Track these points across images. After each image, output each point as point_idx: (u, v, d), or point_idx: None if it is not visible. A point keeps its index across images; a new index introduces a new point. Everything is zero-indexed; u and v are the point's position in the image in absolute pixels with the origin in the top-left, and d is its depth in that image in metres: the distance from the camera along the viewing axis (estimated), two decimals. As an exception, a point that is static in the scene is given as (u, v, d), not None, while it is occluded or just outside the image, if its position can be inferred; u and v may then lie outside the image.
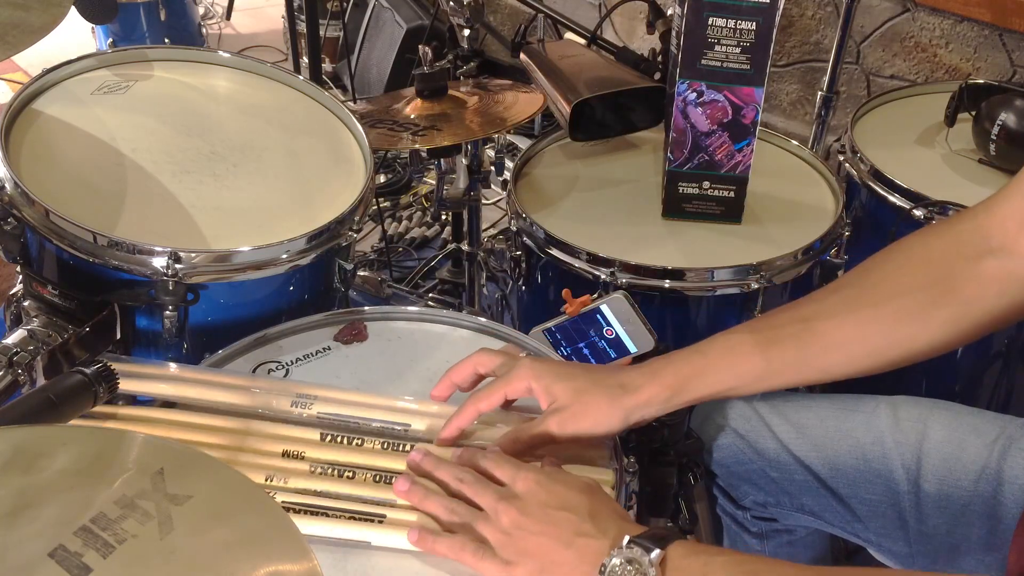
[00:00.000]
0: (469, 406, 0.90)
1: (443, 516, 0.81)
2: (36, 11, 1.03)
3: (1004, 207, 0.87)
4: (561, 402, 0.87)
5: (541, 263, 1.35)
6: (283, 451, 0.88)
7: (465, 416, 0.89)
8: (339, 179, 1.25)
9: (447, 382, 0.94)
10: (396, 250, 2.36)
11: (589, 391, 0.87)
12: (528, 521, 0.77)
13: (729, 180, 1.33)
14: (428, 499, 0.82)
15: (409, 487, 0.83)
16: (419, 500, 0.82)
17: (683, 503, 1.07)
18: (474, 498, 0.80)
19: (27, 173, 1.11)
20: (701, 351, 0.90)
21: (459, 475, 0.82)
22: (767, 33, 1.22)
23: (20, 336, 1.08)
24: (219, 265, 1.08)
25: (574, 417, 0.87)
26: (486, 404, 0.90)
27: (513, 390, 0.89)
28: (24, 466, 0.61)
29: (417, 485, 0.83)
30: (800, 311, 0.91)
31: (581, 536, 0.76)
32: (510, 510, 0.78)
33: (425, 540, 0.79)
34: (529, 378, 0.89)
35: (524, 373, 0.89)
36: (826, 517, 1.04)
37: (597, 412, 0.87)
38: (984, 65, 2.14)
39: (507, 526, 0.77)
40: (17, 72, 3.18)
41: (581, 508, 0.77)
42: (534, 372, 0.89)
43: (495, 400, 0.90)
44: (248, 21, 3.69)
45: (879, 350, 0.89)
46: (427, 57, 1.52)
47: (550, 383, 0.88)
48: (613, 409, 0.87)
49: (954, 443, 0.96)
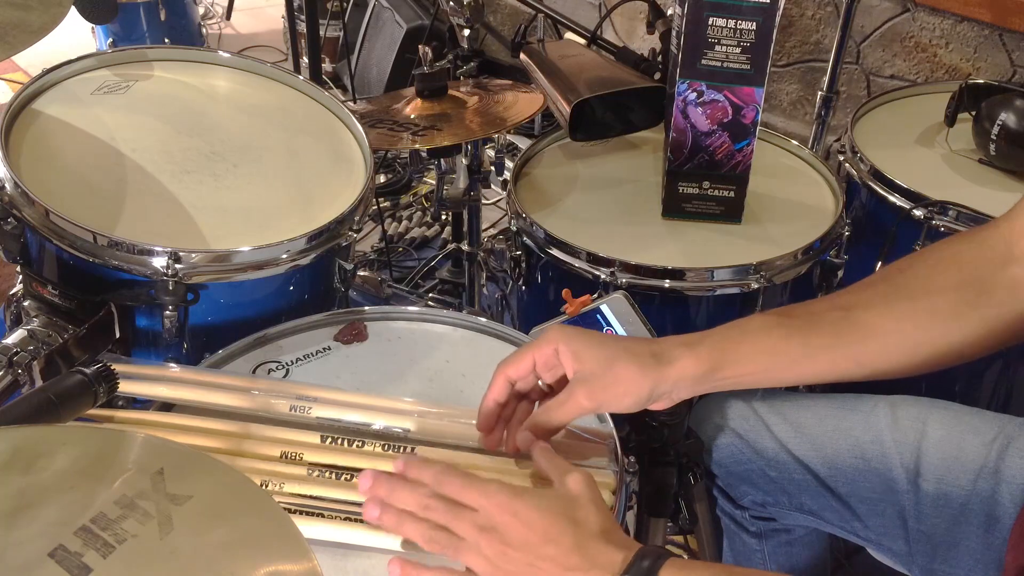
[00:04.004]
0: (499, 375, 0.86)
1: (421, 543, 0.77)
2: (36, 11, 1.03)
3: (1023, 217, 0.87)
4: (589, 369, 0.83)
5: (541, 263, 1.35)
6: (281, 453, 0.88)
7: (497, 387, 0.86)
8: (339, 179, 1.25)
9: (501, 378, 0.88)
10: (396, 250, 2.36)
11: (620, 359, 0.83)
12: (515, 554, 0.74)
13: (729, 180, 1.33)
14: (403, 524, 0.77)
15: (380, 513, 0.78)
16: (394, 525, 0.78)
17: (683, 503, 1.07)
18: (449, 526, 0.76)
19: (27, 173, 1.11)
20: (738, 327, 0.88)
21: (423, 502, 0.77)
22: (767, 33, 1.22)
23: (20, 336, 1.08)
24: (219, 265, 1.09)
25: (604, 388, 0.83)
26: (514, 370, 0.86)
27: (541, 354, 0.85)
28: (24, 466, 0.61)
29: (387, 511, 0.78)
30: (837, 301, 0.90)
31: (569, 571, 0.73)
32: (492, 541, 0.74)
33: (407, 571, 0.76)
34: (557, 341, 0.85)
35: (552, 336, 0.85)
36: (825, 516, 1.04)
37: (628, 382, 0.83)
38: (984, 65, 2.14)
39: (493, 556, 0.74)
40: (17, 72, 3.18)
41: (565, 540, 0.74)
42: (563, 335, 0.85)
43: (524, 365, 0.86)
44: (248, 21, 3.69)
45: (914, 346, 0.88)
46: (427, 57, 1.52)
47: (579, 348, 0.84)
48: (644, 380, 0.83)
49: (953, 442, 0.96)
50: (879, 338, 0.87)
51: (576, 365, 0.84)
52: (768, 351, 0.87)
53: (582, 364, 0.84)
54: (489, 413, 0.87)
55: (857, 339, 0.87)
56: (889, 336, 0.87)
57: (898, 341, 0.88)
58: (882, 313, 0.87)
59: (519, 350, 0.88)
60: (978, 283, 0.87)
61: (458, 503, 0.76)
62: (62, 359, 1.06)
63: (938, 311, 0.87)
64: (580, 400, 0.83)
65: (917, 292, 0.88)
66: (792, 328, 0.87)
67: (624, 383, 0.83)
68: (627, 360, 0.84)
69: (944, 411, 0.99)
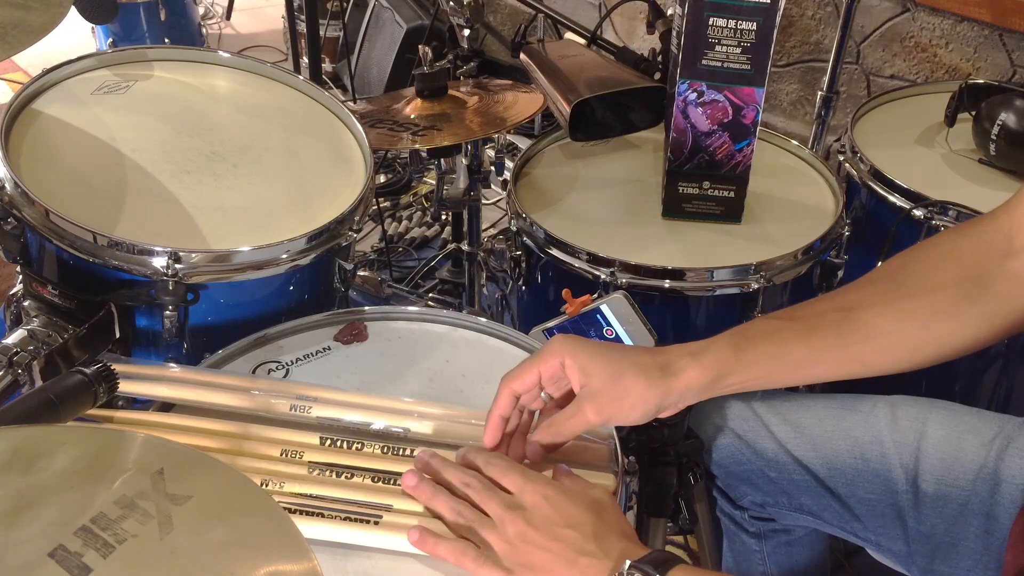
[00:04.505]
0: (504, 389, 0.85)
1: (448, 517, 0.80)
2: (36, 11, 1.03)
3: (1022, 209, 0.87)
4: (596, 384, 0.83)
5: (541, 263, 1.35)
6: (281, 451, 0.88)
7: (503, 402, 0.85)
8: (339, 179, 1.25)
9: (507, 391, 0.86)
10: (396, 250, 2.36)
11: (627, 373, 0.83)
12: (534, 534, 0.76)
13: (729, 180, 1.33)
14: (435, 498, 0.80)
15: (417, 482, 0.81)
16: (427, 497, 0.81)
17: (683, 503, 1.07)
18: (481, 504, 0.79)
19: (27, 173, 1.11)
20: (742, 334, 0.88)
21: (465, 479, 0.81)
22: (767, 33, 1.22)
23: (20, 336, 1.08)
24: (219, 265, 1.09)
25: (611, 402, 0.83)
26: (519, 384, 0.85)
27: (547, 367, 0.84)
28: (24, 466, 0.61)
29: (425, 482, 0.82)
30: (837, 301, 0.90)
31: (584, 556, 0.75)
32: (517, 521, 0.76)
33: (426, 541, 0.78)
34: (563, 354, 0.84)
35: (557, 348, 0.84)
36: (824, 517, 1.04)
37: (636, 396, 0.83)
38: (984, 65, 2.14)
39: (512, 536, 0.76)
40: (17, 72, 3.18)
41: (586, 527, 0.77)
42: (569, 348, 0.84)
43: (529, 379, 0.85)
44: (248, 21, 3.69)
45: (917, 344, 0.88)
46: (427, 57, 1.51)
47: (586, 362, 0.83)
48: (652, 393, 0.83)
49: (952, 442, 0.96)
50: (881, 337, 0.87)
51: (583, 379, 0.83)
52: (772, 356, 0.87)
53: (589, 378, 0.83)
54: (496, 428, 0.86)
55: (859, 339, 0.87)
56: (891, 335, 0.87)
57: (900, 339, 0.88)
58: (883, 312, 0.87)
59: (524, 363, 0.86)
60: (978, 278, 0.87)
61: (497, 484, 0.80)
62: (62, 359, 1.06)
63: (939, 308, 0.87)
64: (588, 415, 0.83)
65: (917, 289, 0.88)
66: (795, 331, 0.88)
67: (632, 397, 0.83)
68: (634, 374, 0.83)
69: (944, 411, 0.99)
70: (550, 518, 0.77)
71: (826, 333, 0.87)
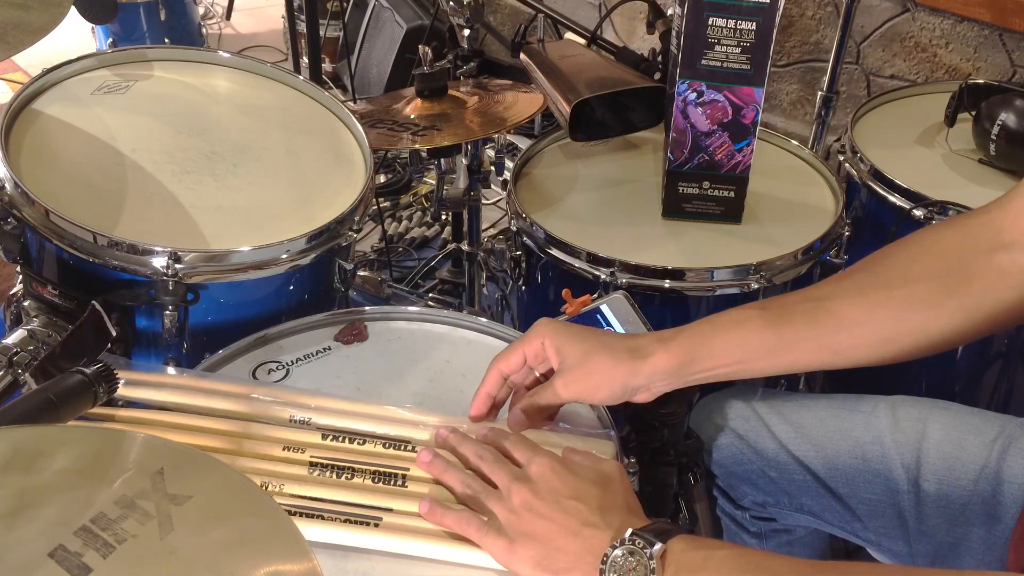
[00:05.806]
0: (492, 369, 0.91)
1: (458, 488, 0.83)
2: (36, 11, 1.03)
3: (1017, 203, 0.86)
4: (568, 363, 0.88)
5: (541, 263, 1.35)
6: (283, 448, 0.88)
7: (491, 381, 0.91)
8: (339, 179, 1.25)
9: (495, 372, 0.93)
10: (396, 250, 2.36)
11: (597, 353, 0.88)
12: (539, 504, 0.78)
13: (729, 180, 1.33)
14: (447, 471, 0.84)
15: (431, 459, 0.85)
16: (439, 472, 0.84)
17: (683, 503, 1.07)
18: (489, 475, 0.82)
19: (27, 173, 1.11)
20: (711, 322, 0.90)
21: (479, 452, 0.84)
22: (767, 33, 1.22)
23: (20, 336, 1.08)
24: (219, 265, 1.09)
25: (577, 380, 0.87)
26: (506, 364, 0.91)
27: (530, 348, 0.90)
28: (24, 466, 0.61)
29: (439, 457, 0.85)
30: (812, 292, 0.91)
31: (588, 527, 0.77)
32: (522, 490, 0.79)
33: (435, 512, 0.80)
34: (544, 335, 0.90)
35: (540, 330, 0.90)
36: (825, 517, 1.04)
37: (601, 375, 0.87)
38: (984, 65, 2.14)
39: (517, 505, 0.78)
40: (17, 72, 3.18)
41: (591, 499, 0.78)
42: (549, 330, 0.90)
43: (514, 360, 0.91)
44: (248, 21, 3.69)
45: (889, 336, 0.88)
46: (427, 57, 1.51)
47: (561, 343, 0.89)
48: (616, 372, 0.87)
49: (953, 443, 0.96)
50: (853, 328, 0.88)
51: (558, 358, 0.89)
52: (741, 344, 0.88)
53: (563, 357, 0.89)
54: (482, 404, 0.92)
55: (831, 329, 0.88)
56: (863, 326, 0.88)
57: (872, 330, 0.88)
58: (854, 303, 0.88)
59: (511, 345, 0.92)
60: (960, 271, 0.87)
61: (508, 457, 0.84)
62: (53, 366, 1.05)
63: (915, 300, 0.87)
64: (558, 390, 0.88)
65: (894, 280, 0.88)
66: (765, 320, 0.88)
67: (597, 375, 0.87)
68: (603, 354, 0.88)
69: (945, 411, 0.99)
70: (556, 489, 0.79)
71: (797, 323, 0.88)
